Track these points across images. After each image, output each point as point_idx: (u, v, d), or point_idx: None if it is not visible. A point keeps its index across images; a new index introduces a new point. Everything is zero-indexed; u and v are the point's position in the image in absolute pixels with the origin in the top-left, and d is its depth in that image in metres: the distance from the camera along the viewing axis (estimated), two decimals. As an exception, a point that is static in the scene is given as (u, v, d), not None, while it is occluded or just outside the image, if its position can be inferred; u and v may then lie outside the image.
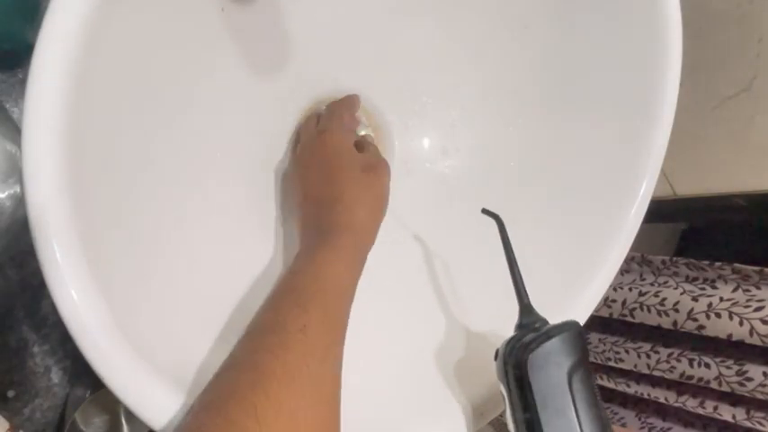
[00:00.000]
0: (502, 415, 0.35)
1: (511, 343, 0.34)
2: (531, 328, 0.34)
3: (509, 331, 0.36)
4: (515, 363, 0.33)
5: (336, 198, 0.38)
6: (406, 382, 0.42)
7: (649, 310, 0.68)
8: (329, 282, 0.33)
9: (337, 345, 0.32)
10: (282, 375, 0.27)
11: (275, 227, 0.43)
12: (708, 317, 0.62)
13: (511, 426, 0.34)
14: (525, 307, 0.36)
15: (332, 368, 0.31)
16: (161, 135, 0.37)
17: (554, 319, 0.36)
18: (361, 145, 0.46)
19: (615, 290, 0.73)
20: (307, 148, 0.42)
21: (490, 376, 0.36)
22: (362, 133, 0.49)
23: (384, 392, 0.41)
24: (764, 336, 0.58)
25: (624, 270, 0.75)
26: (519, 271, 0.36)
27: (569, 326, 0.34)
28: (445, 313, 0.45)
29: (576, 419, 0.31)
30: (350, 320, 0.34)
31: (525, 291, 0.36)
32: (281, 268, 0.42)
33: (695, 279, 0.67)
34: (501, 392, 0.34)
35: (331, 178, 0.39)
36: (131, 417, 0.53)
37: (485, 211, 0.39)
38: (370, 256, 0.38)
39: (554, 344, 0.32)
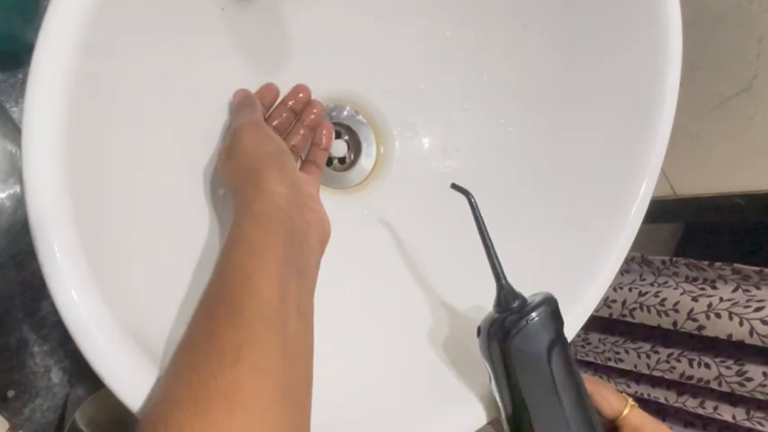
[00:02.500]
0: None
1: (494, 326, 0.35)
2: (510, 308, 0.35)
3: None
4: (498, 346, 0.35)
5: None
6: (420, 375, 0.42)
7: (649, 311, 0.68)
8: (232, 274, 0.30)
9: (256, 339, 0.27)
10: (185, 397, 0.25)
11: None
12: (708, 317, 0.62)
13: (497, 398, 0.36)
14: (502, 285, 0.36)
15: (251, 366, 0.26)
16: (160, 134, 0.37)
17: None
18: None
19: (615, 290, 0.73)
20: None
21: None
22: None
23: (400, 386, 0.41)
24: (764, 336, 0.58)
25: (624, 270, 0.75)
26: (494, 248, 0.37)
27: (546, 302, 0.35)
28: (453, 308, 0.45)
29: (554, 390, 0.34)
30: (357, 321, 0.33)
31: (501, 268, 0.36)
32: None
33: (695, 279, 0.67)
34: (486, 368, 0.37)
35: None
36: (131, 417, 0.53)
37: (454, 186, 0.38)
38: (373, 259, 0.38)
39: (534, 325, 0.34)
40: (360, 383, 0.41)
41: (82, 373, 0.52)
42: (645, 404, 0.78)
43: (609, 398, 0.37)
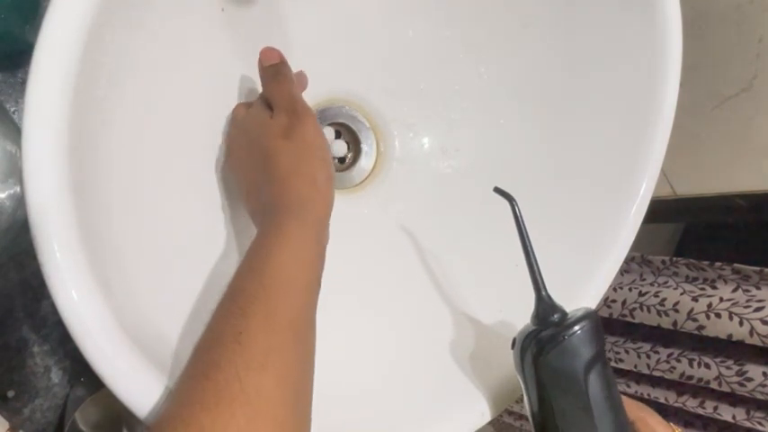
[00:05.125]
0: (518, 401, 0.36)
1: (528, 338, 0.33)
2: (548, 321, 0.33)
3: (520, 317, 0.35)
4: (532, 360, 0.33)
5: (267, 179, 0.34)
6: (422, 375, 0.42)
7: (649, 311, 0.68)
8: (274, 276, 0.29)
9: (284, 347, 0.28)
10: (210, 397, 0.25)
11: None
12: (708, 317, 0.62)
13: (528, 412, 0.34)
14: (542, 297, 0.34)
15: (276, 375, 0.26)
16: (162, 133, 0.37)
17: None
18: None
19: (615, 290, 0.73)
20: (229, 138, 0.40)
21: (507, 364, 0.36)
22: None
23: (402, 386, 0.41)
24: (764, 336, 0.58)
25: (624, 270, 0.75)
26: (535, 258, 0.34)
27: (587, 318, 0.33)
28: (454, 308, 0.45)
29: (590, 413, 0.31)
30: (358, 322, 0.33)
31: (542, 280, 0.34)
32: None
33: (695, 279, 0.67)
34: (519, 381, 0.35)
35: (255, 162, 0.35)
36: (131, 417, 0.53)
37: (497, 190, 0.36)
38: (373, 259, 0.38)
39: (571, 341, 0.32)
40: (360, 384, 0.41)
41: (82, 373, 0.52)
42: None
43: (655, 428, 0.35)
